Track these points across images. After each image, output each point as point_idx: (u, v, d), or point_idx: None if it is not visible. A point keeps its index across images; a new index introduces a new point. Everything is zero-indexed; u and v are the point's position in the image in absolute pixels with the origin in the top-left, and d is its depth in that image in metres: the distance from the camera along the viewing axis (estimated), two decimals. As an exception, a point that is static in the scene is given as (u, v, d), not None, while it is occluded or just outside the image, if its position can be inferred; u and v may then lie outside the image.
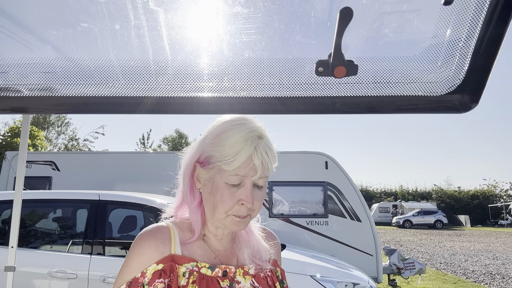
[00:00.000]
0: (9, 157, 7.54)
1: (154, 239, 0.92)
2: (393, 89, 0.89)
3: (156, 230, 0.94)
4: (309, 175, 7.42)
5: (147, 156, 9.04)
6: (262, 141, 0.90)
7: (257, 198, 0.92)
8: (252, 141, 0.89)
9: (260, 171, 0.89)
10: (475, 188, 47.13)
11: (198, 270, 0.91)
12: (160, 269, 0.88)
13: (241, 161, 0.88)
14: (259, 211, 0.96)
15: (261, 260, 1.02)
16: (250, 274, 0.98)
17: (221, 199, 0.90)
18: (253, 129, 0.90)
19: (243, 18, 0.81)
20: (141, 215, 4.79)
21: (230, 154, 0.88)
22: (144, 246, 0.90)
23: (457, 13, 0.77)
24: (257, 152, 0.89)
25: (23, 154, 2.40)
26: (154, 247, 0.91)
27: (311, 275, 3.84)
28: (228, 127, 0.91)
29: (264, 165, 0.90)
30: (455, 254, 14.32)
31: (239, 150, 0.88)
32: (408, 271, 7.08)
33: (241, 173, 0.89)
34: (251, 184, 0.91)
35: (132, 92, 0.91)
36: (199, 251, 0.96)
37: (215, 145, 0.91)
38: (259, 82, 0.92)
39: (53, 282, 3.57)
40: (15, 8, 0.82)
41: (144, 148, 30.46)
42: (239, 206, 0.90)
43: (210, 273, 0.92)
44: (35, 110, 0.97)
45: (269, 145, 0.92)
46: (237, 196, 0.90)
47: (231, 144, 0.88)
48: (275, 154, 0.94)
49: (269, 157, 0.91)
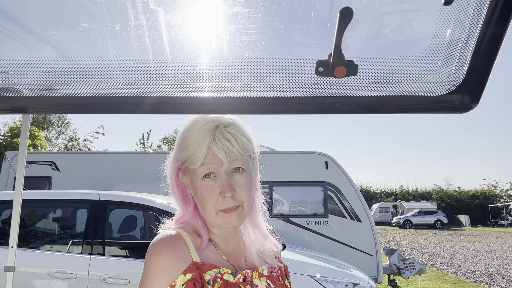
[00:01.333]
0: (9, 157, 7.54)
1: (176, 249, 0.88)
2: (393, 89, 0.89)
3: (173, 239, 0.90)
4: (309, 175, 7.42)
5: (147, 156, 9.04)
6: (220, 130, 0.89)
7: (239, 185, 0.90)
8: (208, 132, 0.88)
9: (226, 159, 0.88)
10: (475, 188, 47.16)
11: (221, 276, 0.89)
12: (190, 279, 0.85)
13: (202, 155, 0.87)
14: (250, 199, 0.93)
15: (270, 257, 1.01)
16: (264, 275, 0.98)
17: (203, 197, 0.90)
18: (209, 121, 0.90)
19: (243, 18, 0.81)
20: (141, 215, 4.79)
21: (192, 152, 0.89)
22: (167, 258, 0.86)
23: (457, 13, 0.77)
24: (215, 142, 0.88)
25: (23, 154, 2.40)
26: (178, 258, 0.87)
27: (311, 275, 3.84)
28: (188, 127, 0.93)
29: (228, 151, 0.88)
30: (455, 254, 14.32)
31: (197, 145, 0.88)
32: (408, 271, 7.08)
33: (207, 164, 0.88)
34: (225, 173, 0.89)
35: (132, 92, 0.91)
36: (213, 256, 0.94)
37: (181, 149, 0.93)
38: (259, 82, 0.92)
39: (53, 282, 3.57)
40: (15, 8, 0.82)
41: (144, 148, 30.47)
42: (222, 199, 0.89)
43: (232, 279, 0.91)
44: (35, 110, 0.97)
45: (230, 130, 0.90)
46: (216, 189, 0.89)
47: (191, 143, 0.89)
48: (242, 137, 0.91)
49: (231, 143, 0.89)
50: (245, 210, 0.92)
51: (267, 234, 1.04)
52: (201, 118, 0.92)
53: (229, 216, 0.89)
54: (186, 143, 0.91)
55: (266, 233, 1.04)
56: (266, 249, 1.02)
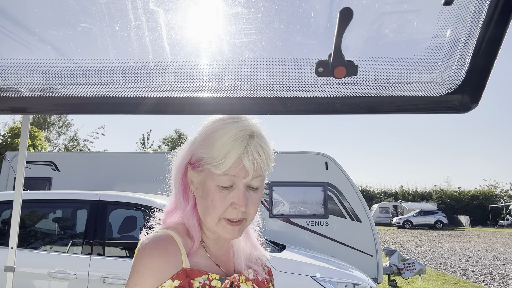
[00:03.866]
0: (9, 157, 7.54)
1: (167, 253, 0.84)
2: (393, 89, 0.89)
3: (165, 241, 0.86)
4: (309, 175, 7.42)
5: (147, 157, 9.04)
6: (254, 141, 0.84)
7: (252, 201, 0.87)
8: (242, 141, 0.83)
9: (252, 172, 0.84)
10: (475, 188, 47.14)
11: (209, 283, 0.86)
12: (177, 285, 0.82)
13: (230, 163, 0.83)
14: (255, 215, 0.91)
15: (256, 266, 1.00)
16: (250, 279, 0.97)
17: (212, 203, 0.85)
18: (244, 128, 0.85)
19: (243, 18, 0.81)
20: (141, 215, 4.79)
21: (218, 156, 0.83)
22: (156, 262, 0.83)
23: (457, 13, 0.77)
24: (247, 153, 0.83)
25: (23, 154, 2.40)
26: (168, 262, 0.83)
27: (311, 276, 3.83)
28: (217, 127, 0.87)
29: (256, 166, 0.84)
30: (455, 254, 14.32)
31: (227, 151, 0.83)
32: (408, 271, 7.07)
33: (231, 175, 0.84)
34: (244, 186, 0.85)
35: (132, 93, 0.91)
36: (203, 261, 0.91)
37: (204, 147, 0.87)
38: (259, 83, 0.92)
39: (53, 282, 3.57)
40: (15, 8, 0.82)
41: (144, 148, 30.45)
42: (232, 209, 0.85)
43: (220, 285, 0.88)
44: (35, 111, 0.97)
45: (262, 144, 0.86)
46: (229, 199, 0.85)
47: (219, 146, 0.84)
48: (269, 153, 0.88)
49: (261, 158, 0.85)
50: (247, 224, 0.90)
51: (256, 244, 1.02)
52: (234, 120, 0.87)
53: (232, 229, 0.87)
54: (212, 143, 0.85)
55: (256, 243, 1.02)
56: (253, 258, 1.01)
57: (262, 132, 0.89)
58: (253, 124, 0.88)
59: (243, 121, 0.87)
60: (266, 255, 1.04)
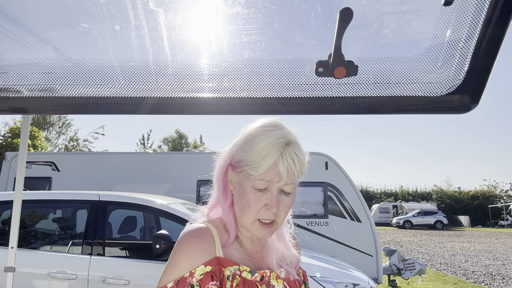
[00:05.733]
0: (9, 157, 7.54)
1: (202, 241, 0.93)
2: (393, 89, 0.89)
3: (201, 231, 0.95)
4: (309, 175, 7.31)
5: (147, 157, 9.03)
6: (289, 148, 0.90)
7: (284, 204, 0.94)
8: (279, 147, 0.89)
9: (286, 178, 0.91)
10: (475, 188, 47.11)
11: (239, 274, 0.93)
12: (209, 271, 0.90)
13: (266, 166, 0.89)
14: (285, 218, 0.98)
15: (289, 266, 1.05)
16: (282, 278, 1.01)
17: (248, 203, 0.92)
18: (281, 136, 0.91)
19: (243, 18, 0.81)
20: (141, 215, 4.79)
21: (256, 159, 0.90)
22: (193, 248, 0.92)
23: (457, 13, 0.77)
24: (282, 159, 0.89)
25: (23, 154, 2.40)
26: (203, 249, 0.92)
27: (311, 276, 3.84)
28: (257, 133, 0.93)
29: (290, 172, 0.91)
30: (455, 254, 14.32)
31: (264, 155, 0.89)
32: (408, 271, 7.08)
33: (266, 179, 0.90)
34: (277, 190, 0.92)
35: (132, 93, 0.91)
36: (236, 254, 0.98)
37: (243, 150, 0.93)
38: (259, 83, 0.92)
39: (53, 282, 3.57)
40: (15, 8, 0.82)
41: (144, 148, 30.45)
42: (265, 210, 0.92)
43: (250, 277, 0.95)
44: (35, 111, 0.97)
45: (297, 152, 0.92)
46: (263, 200, 0.92)
47: (258, 150, 0.90)
48: (303, 161, 0.94)
49: (295, 164, 0.91)
50: (278, 226, 0.96)
51: (289, 245, 1.07)
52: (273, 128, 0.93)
53: (263, 229, 0.94)
54: (251, 147, 0.91)
55: (289, 244, 1.07)
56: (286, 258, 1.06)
57: (299, 141, 0.95)
58: (290, 133, 0.93)
59: (282, 129, 0.93)
60: (298, 256, 1.09)
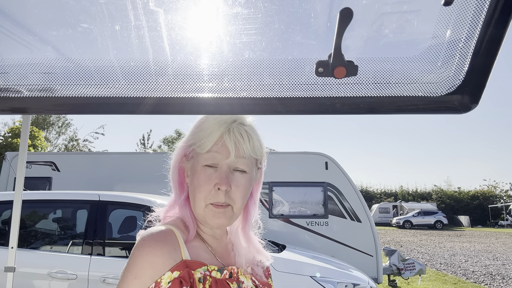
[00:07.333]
0: (9, 157, 7.54)
1: (166, 245, 0.85)
2: (393, 89, 0.89)
3: (164, 234, 0.87)
4: (309, 175, 7.42)
5: (147, 157, 9.04)
6: (236, 123, 0.91)
7: (237, 183, 0.90)
8: (224, 122, 0.90)
9: (234, 152, 0.89)
10: (475, 188, 47.14)
11: (209, 274, 0.88)
12: (177, 276, 0.82)
13: (213, 141, 0.89)
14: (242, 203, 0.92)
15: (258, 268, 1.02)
16: (249, 272, 0.99)
17: (198, 183, 0.90)
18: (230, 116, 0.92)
19: (243, 19, 0.81)
20: (141, 215, 4.79)
21: (203, 136, 0.90)
22: (156, 254, 0.83)
23: (457, 13, 0.77)
24: (229, 132, 0.89)
25: (23, 154, 2.40)
26: (168, 254, 0.84)
27: (311, 276, 3.84)
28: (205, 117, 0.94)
29: (238, 146, 0.89)
30: (455, 254, 14.32)
31: (211, 131, 0.90)
32: (408, 271, 7.08)
33: (214, 150, 0.89)
34: (227, 167, 0.90)
35: (132, 93, 0.91)
36: (203, 254, 0.93)
37: (193, 133, 0.94)
38: (259, 83, 0.92)
39: (53, 282, 3.57)
40: (15, 8, 0.82)
41: (144, 148, 30.43)
42: (215, 192, 0.88)
43: (219, 275, 0.90)
44: (35, 111, 0.97)
45: (247, 129, 0.92)
46: (213, 180, 0.89)
47: (205, 128, 0.91)
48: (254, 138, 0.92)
49: (243, 139, 0.90)
50: (234, 213, 0.91)
51: (259, 248, 1.03)
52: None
53: (218, 212, 0.89)
54: (200, 128, 0.93)
55: (258, 246, 1.03)
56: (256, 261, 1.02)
57: (251, 123, 0.94)
58: (243, 116, 0.94)
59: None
60: (269, 257, 1.05)
